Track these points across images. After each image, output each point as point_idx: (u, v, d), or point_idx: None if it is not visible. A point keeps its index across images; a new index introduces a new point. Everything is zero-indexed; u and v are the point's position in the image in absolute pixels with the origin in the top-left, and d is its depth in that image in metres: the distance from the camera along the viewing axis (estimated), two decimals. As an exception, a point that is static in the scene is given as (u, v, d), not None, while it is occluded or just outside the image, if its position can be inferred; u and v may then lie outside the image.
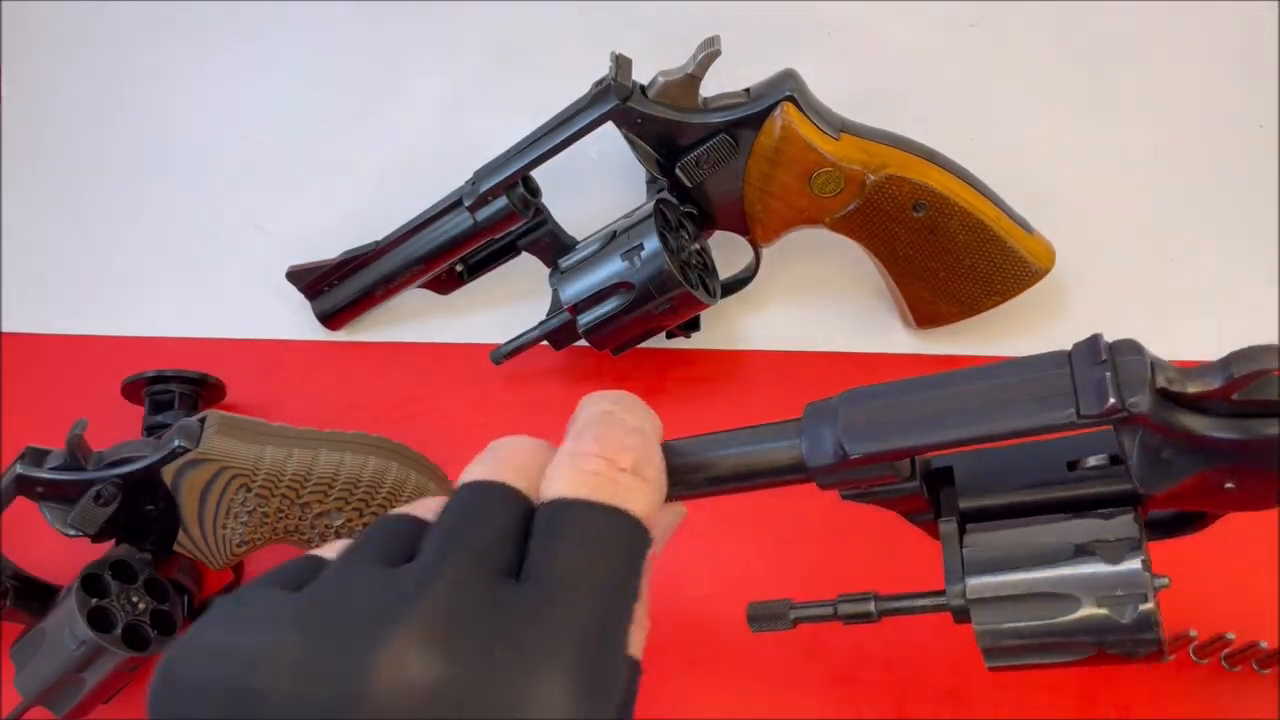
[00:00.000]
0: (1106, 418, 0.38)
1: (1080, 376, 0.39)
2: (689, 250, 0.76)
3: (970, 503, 0.45)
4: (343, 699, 0.30)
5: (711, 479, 0.45)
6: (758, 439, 0.44)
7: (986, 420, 0.39)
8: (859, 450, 0.41)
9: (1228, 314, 0.81)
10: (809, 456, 0.42)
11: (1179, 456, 0.40)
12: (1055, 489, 0.44)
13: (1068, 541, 0.41)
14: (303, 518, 0.70)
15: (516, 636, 0.32)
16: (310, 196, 0.90)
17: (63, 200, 0.93)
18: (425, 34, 0.88)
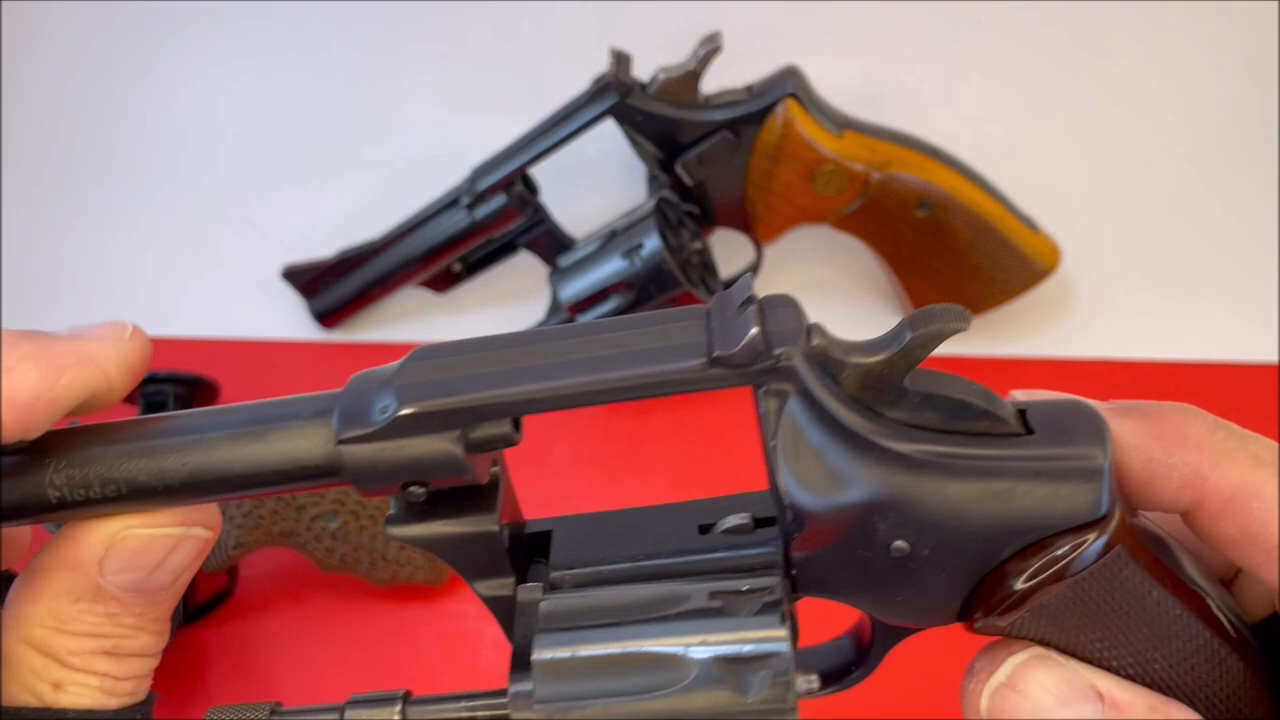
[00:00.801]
0: (745, 366, 0.29)
1: (718, 324, 0.30)
2: (689, 249, 0.75)
3: (567, 575, 0.34)
4: None
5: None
6: (261, 418, 0.33)
7: (588, 369, 0.30)
8: (415, 405, 0.30)
9: (1231, 313, 0.81)
10: (343, 427, 0.31)
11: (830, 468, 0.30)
12: (678, 557, 0.34)
13: (684, 593, 0.32)
14: (298, 520, 0.69)
15: None
16: (307, 194, 0.90)
17: (58, 200, 0.92)
18: (423, 32, 0.88)
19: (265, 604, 0.74)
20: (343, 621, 0.73)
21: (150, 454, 0.32)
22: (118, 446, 0.32)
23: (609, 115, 0.72)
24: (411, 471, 0.31)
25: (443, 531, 0.33)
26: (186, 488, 0.32)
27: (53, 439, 0.33)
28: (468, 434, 0.31)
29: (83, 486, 0.32)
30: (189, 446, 0.32)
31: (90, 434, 0.33)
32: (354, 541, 0.70)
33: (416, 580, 0.72)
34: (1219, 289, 0.81)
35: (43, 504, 0.32)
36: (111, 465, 0.32)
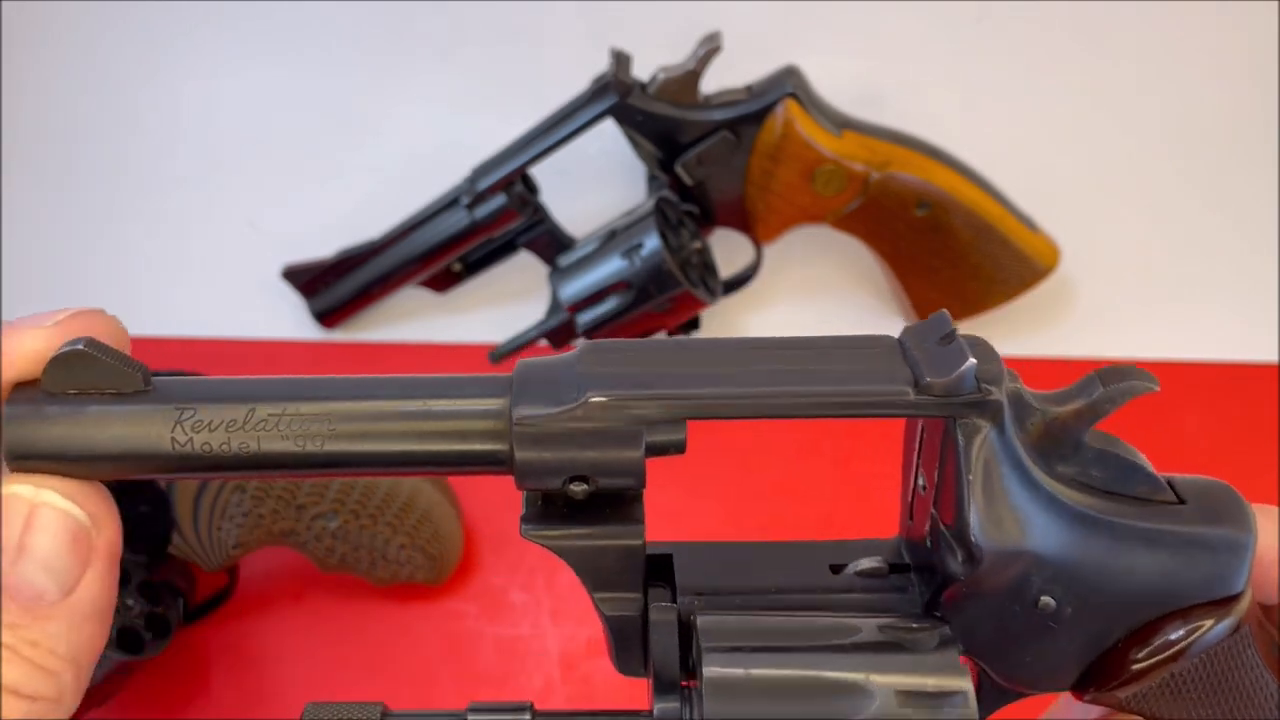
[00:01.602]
0: (951, 397, 0.29)
1: (917, 354, 0.30)
2: (689, 249, 0.75)
3: (695, 601, 0.33)
4: None
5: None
6: (441, 390, 0.30)
7: (790, 380, 0.29)
8: (606, 393, 0.29)
9: (1231, 313, 0.81)
10: (523, 414, 0.29)
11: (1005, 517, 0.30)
12: (816, 594, 0.33)
13: (854, 626, 0.31)
14: (299, 520, 0.69)
15: None
16: (307, 194, 0.89)
17: (58, 200, 0.92)
18: (424, 31, 0.88)
19: (265, 603, 0.74)
20: (343, 621, 0.73)
21: (293, 419, 0.30)
22: (258, 404, 0.30)
23: (609, 115, 0.72)
24: (586, 467, 0.30)
25: (584, 539, 0.31)
26: (327, 463, 0.30)
27: (181, 384, 0.31)
28: (649, 436, 0.29)
29: (212, 445, 0.30)
30: (339, 419, 0.30)
31: (227, 386, 0.31)
32: (354, 541, 0.70)
33: (416, 580, 0.72)
34: (1219, 289, 0.81)
35: (158, 456, 0.30)
36: (247, 423, 0.30)
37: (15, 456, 0.30)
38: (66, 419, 0.30)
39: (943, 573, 0.31)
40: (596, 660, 0.70)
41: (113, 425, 0.30)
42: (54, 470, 0.30)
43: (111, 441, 0.30)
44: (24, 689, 0.27)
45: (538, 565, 0.74)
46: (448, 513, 0.72)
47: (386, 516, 0.70)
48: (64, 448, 0.30)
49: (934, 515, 0.32)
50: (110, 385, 0.30)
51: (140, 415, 0.30)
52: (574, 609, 0.73)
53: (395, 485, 0.70)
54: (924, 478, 0.33)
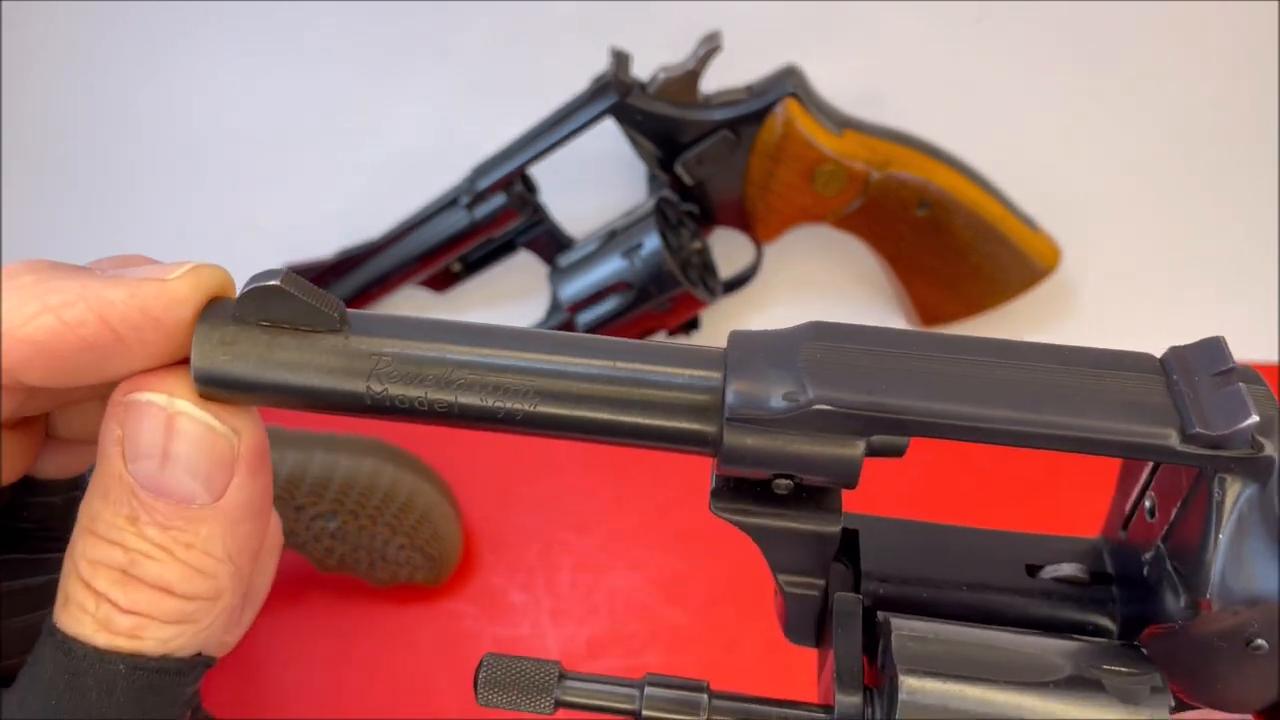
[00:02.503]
0: (1220, 450, 0.26)
1: (1185, 389, 0.27)
2: (689, 249, 0.75)
3: (880, 587, 0.32)
4: None
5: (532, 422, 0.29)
6: (637, 372, 0.28)
7: (1042, 406, 0.27)
8: (832, 401, 0.27)
9: (1231, 313, 0.81)
10: (737, 401, 0.27)
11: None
12: (1008, 595, 0.31)
13: (1056, 660, 0.28)
14: (298, 520, 0.69)
15: None
16: (307, 194, 0.89)
17: (58, 200, 0.92)
18: (423, 30, 0.87)
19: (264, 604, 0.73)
20: (342, 622, 0.72)
21: (498, 373, 0.28)
22: (460, 354, 0.28)
23: (609, 115, 0.72)
24: (797, 466, 0.28)
25: (778, 525, 0.30)
26: (528, 423, 0.28)
27: (378, 324, 0.29)
28: (871, 440, 0.27)
29: (411, 386, 0.28)
30: (543, 377, 0.28)
31: (427, 330, 0.29)
32: (353, 542, 0.70)
33: (416, 580, 0.72)
34: (1219, 289, 0.81)
35: (352, 402, 0.29)
36: (448, 376, 0.28)
37: (206, 381, 0.28)
38: (259, 351, 0.29)
39: (1154, 606, 0.30)
40: (597, 661, 0.70)
41: (306, 365, 0.29)
42: (241, 401, 0.29)
43: (304, 381, 0.29)
44: (179, 589, 0.27)
45: (537, 565, 0.74)
46: (447, 513, 0.72)
47: (385, 517, 0.70)
48: (255, 379, 0.29)
49: (1160, 549, 0.30)
50: (305, 321, 0.29)
51: (335, 357, 0.28)
52: (574, 609, 0.72)
53: (395, 485, 0.70)
54: (1155, 503, 0.31)
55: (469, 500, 0.76)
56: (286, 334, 0.29)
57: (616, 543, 0.75)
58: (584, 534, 0.75)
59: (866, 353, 0.28)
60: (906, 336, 0.29)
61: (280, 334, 0.29)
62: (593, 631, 0.71)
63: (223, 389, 0.29)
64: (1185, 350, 0.29)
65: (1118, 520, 0.33)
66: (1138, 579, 0.31)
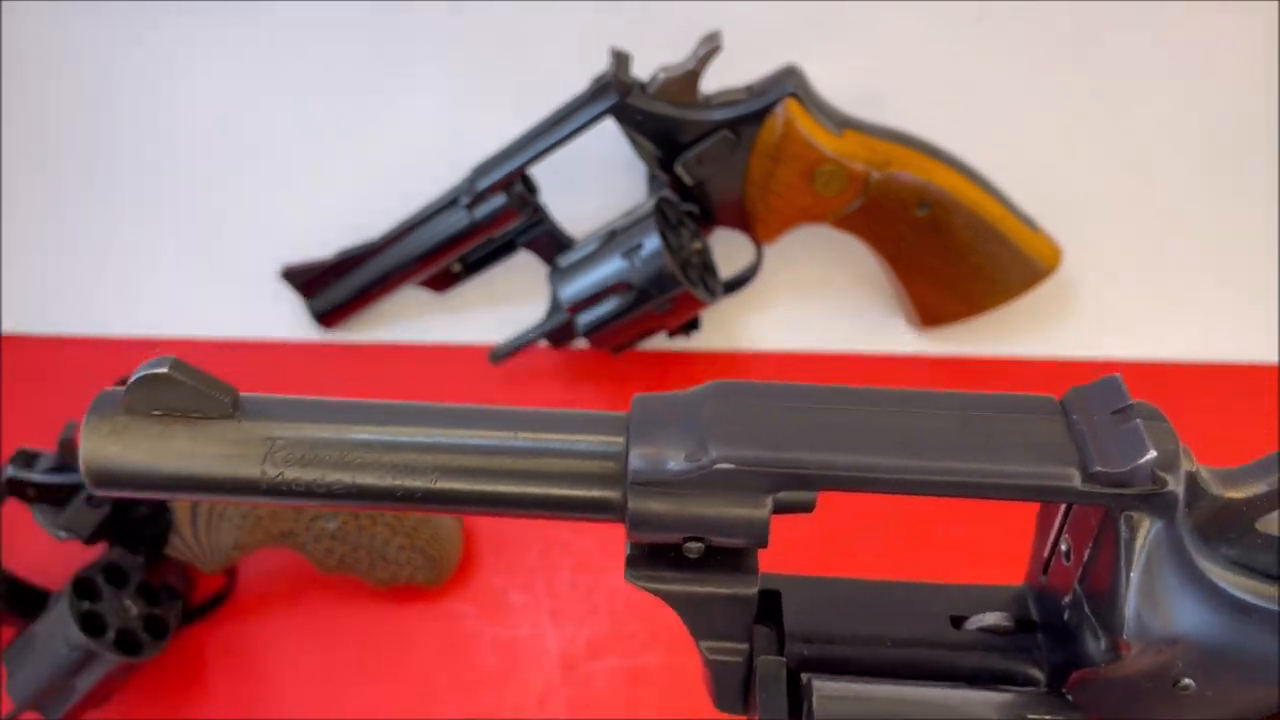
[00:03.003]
0: (1122, 488, 0.26)
1: (1084, 428, 0.27)
2: (689, 249, 0.75)
3: (805, 648, 0.31)
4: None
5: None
6: (540, 444, 0.28)
7: (940, 453, 0.27)
8: (734, 461, 0.27)
9: (1231, 313, 0.81)
10: (641, 465, 0.27)
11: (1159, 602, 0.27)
12: (935, 649, 0.31)
13: (981, 715, 0.28)
14: (297, 521, 0.69)
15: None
16: (306, 194, 0.89)
17: (58, 201, 0.92)
18: (423, 30, 0.87)
19: (264, 604, 0.73)
20: (342, 622, 0.72)
21: (395, 451, 0.28)
22: (356, 433, 0.28)
23: (609, 115, 0.72)
24: (705, 528, 0.28)
25: (694, 588, 0.29)
26: (429, 499, 0.28)
27: (271, 407, 0.29)
28: (777, 497, 0.27)
29: (308, 469, 0.28)
30: (442, 453, 0.28)
31: (322, 412, 0.29)
32: (353, 542, 0.70)
33: (416, 581, 0.72)
34: (1219, 289, 0.81)
35: (248, 487, 0.28)
36: (344, 457, 0.28)
37: (96, 479, 0.28)
38: (150, 441, 0.28)
39: (1077, 651, 0.29)
40: (597, 661, 0.70)
41: (200, 454, 0.28)
42: (134, 495, 0.29)
43: (198, 470, 0.28)
44: None
45: (537, 566, 0.74)
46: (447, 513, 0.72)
47: (385, 517, 0.70)
48: (147, 472, 0.28)
49: (1077, 592, 0.30)
50: (196, 409, 0.29)
51: (229, 444, 0.28)
52: (574, 610, 0.72)
53: (395, 486, 0.70)
54: (1070, 546, 0.30)
55: (469, 500, 0.76)
56: (179, 423, 0.28)
57: (616, 543, 0.75)
58: (584, 534, 0.75)
59: (767, 409, 0.28)
60: (809, 391, 0.29)
61: (172, 423, 0.28)
62: (593, 631, 0.71)
63: (113, 484, 0.28)
64: (1084, 390, 0.29)
65: (1038, 566, 0.33)
66: (1060, 625, 0.31)
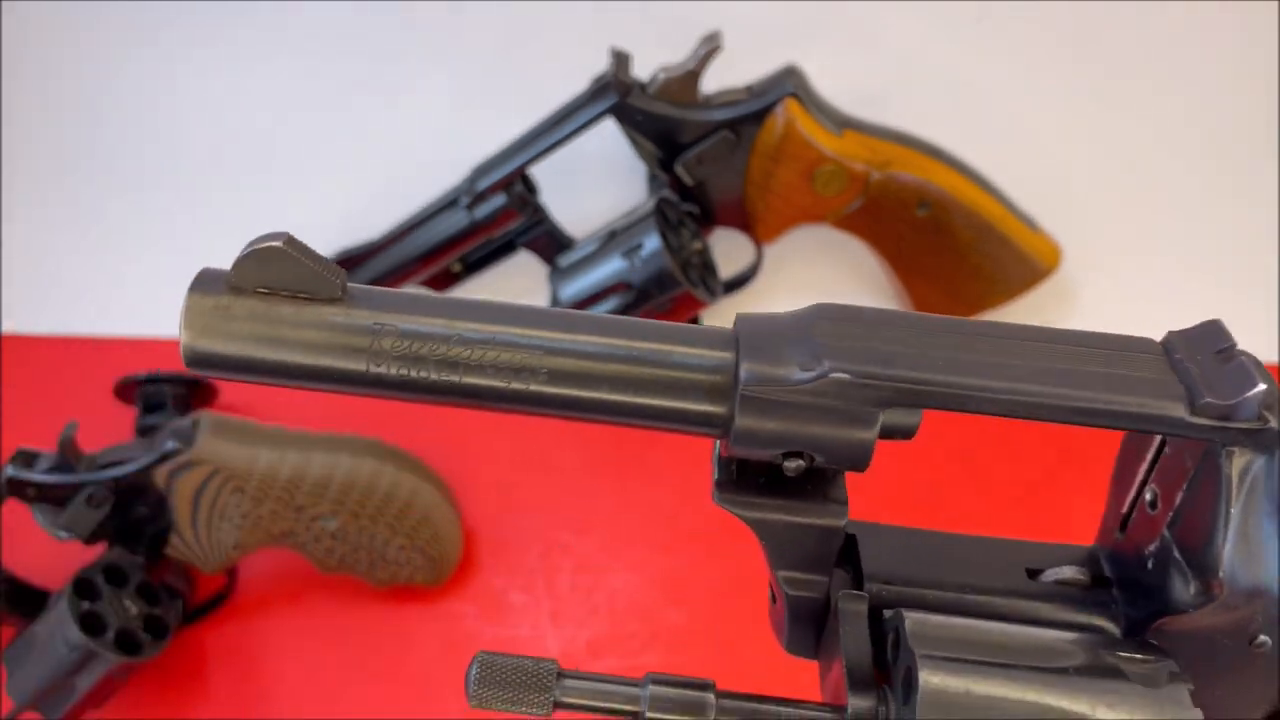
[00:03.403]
0: (1228, 422, 0.26)
1: (1189, 366, 0.27)
2: (689, 249, 0.75)
3: (883, 590, 0.31)
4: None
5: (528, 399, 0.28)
6: (648, 347, 0.27)
7: (1052, 380, 0.27)
8: (850, 371, 0.26)
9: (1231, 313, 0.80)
10: (753, 376, 0.27)
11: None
12: (1012, 598, 0.30)
13: (1071, 649, 0.27)
14: (297, 521, 0.69)
15: None
16: (306, 193, 0.89)
17: (57, 201, 0.92)
18: (423, 31, 0.87)
19: (264, 604, 0.73)
20: (342, 622, 0.72)
21: (505, 349, 0.27)
22: (466, 329, 0.27)
23: (609, 115, 0.72)
24: (812, 444, 0.27)
25: (783, 514, 0.29)
26: (534, 402, 0.27)
27: (380, 296, 0.28)
28: (884, 418, 0.27)
29: (415, 364, 0.27)
30: (553, 352, 0.27)
31: (431, 305, 0.28)
32: (353, 542, 0.70)
33: (415, 581, 0.72)
34: (1219, 289, 0.81)
35: (352, 377, 0.27)
36: (454, 354, 0.27)
37: (195, 362, 0.27)
38: (254, 321, 0.27)
39: (1161, 599, 0.29)
40: (597, 661, 0.70)
41: (304, 335, 0.27)
42: (231, 377, 0.27)
43: (301, 354, 0.27)
44: None
45: (537, 567, 0.74)
46: (447, 514, 0.72)
47: (386, 518, 0.70)
48: (247, 356, 0.27)
49: (1166, 538, 0.29)
50: (304, 288, 0.27)
51: (335, 330, 0.27)
52: (573, 610, 0.72)
53: (395, 486, 0.70)
54: (1157, 494, 0.30)
55: (469, 501, 0.76)
56: (285, 302, 0.27)
57: (616, 543, 0.75)
58: (584, 535, 0.75)
59: (876, 329, 0.28)
60: (915, 318, 0.28)
61: (279, 302, 0.27)
62: (593, 632, 0.71)
63: (211, 366, 0.27)
64: (1185, 333, 0.29)
65: (1114, 523, 0.32)
66: (1140, 578, 0.30)
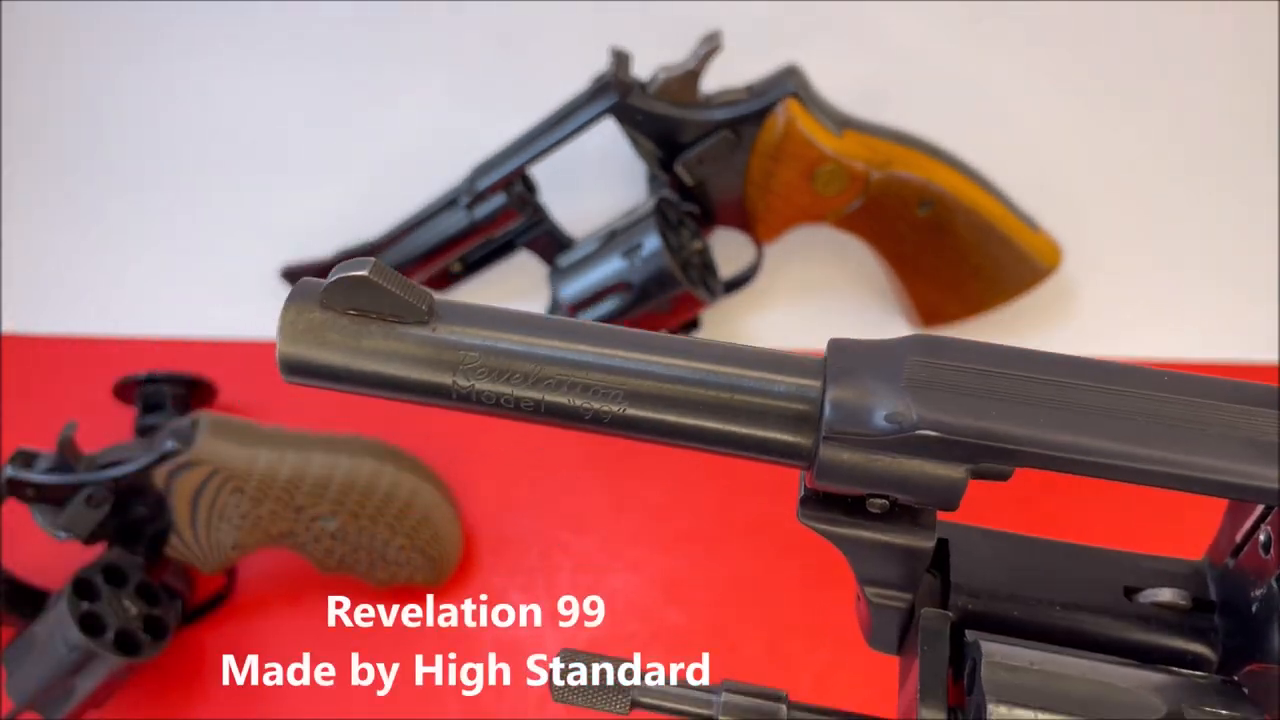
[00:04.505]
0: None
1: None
2: (689, 249, 0.75)
3: (970, 602, 0.30)
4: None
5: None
6: (734, 378, 0.28)
7: (1154, 441, 0.25)
8: (940, 428, 0.25)
9: (1231, 313, 0.81)
10: (838, 416, 0.26)
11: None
12: (1105, 618, 0.30)
13: (1151, 699, 0.26)
14: (297, 521, 0.69)
15: None
16: (306, 194, 0.89)
17: (57, 201, 0.92)
18: (423, 30, 0.87)
19: (264, 604, 0.73)
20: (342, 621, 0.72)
21: (587, 371, 0.27)
22: (550, 349, 0.28)
23: (609, 114, 0.72)
24: (895, 488, 0.27)
25: (869, 537, 0.28)
26: (615, 425, 0.28)
27: (467, 315, 0.29)
28: (978, 467, 0.26)
29: (495, 391, 0.28)
30: (635, 378, 0.27)
31: (518, 325, 0.29)
32: (353, 542, 0.70)
33: (416, 581, 0.71)
34: (1219, 289, 0.81)
35: (438, 395, 0.28)
36: (537, 373, 0.27)
37: (291, 368, 0.29)
38: (345, 338, 0.29)
39: (1261, 643, 0.28)
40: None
41: (393, 356, 0.29)
42: (324, 385, 0.30)
43: (390, 371, 0.29)
44: None
45: (537, 566, 0.74)
46: (447, 514, 0.72)
47: (386, 518, 0.70)
48: (343, 367, 0.29)
49: (1274, 587, 0.28)
50: (392, 313, 0.29)
51: (422, 350, 0.29)
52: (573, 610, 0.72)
53: (395, 486, 0.70)
54: (1271, 539, 0.29)
55: (469, 500, 0.75)
56: (374, 323, 0.29)
57: (616, 543, 0.75)
58: (584, 534, 0.75)
59: (972, 373, 0.27)
60: (1013, 355, 0.27)
61: (368, 323, 0.29)
62: (592, 634, 0.71)
63: (308, 375, 0.29)
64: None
65: (1227, 546, 0.31)
66: (1244, 611, 0.29)
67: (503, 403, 0.28)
